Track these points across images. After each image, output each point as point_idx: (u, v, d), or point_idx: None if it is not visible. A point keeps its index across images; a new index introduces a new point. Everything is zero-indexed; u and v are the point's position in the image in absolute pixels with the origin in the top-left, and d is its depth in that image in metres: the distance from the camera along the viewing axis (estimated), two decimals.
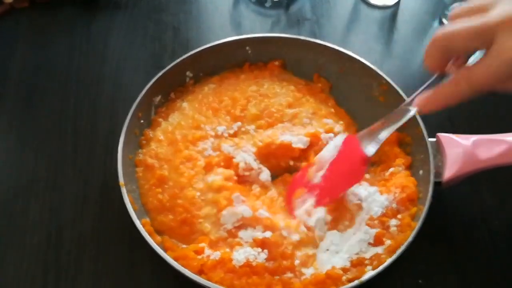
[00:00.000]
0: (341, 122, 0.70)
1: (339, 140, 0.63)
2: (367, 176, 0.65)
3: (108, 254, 0.61)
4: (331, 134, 0.67)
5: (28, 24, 0.83)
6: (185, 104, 0.70)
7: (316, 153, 0.66)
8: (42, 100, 0.75)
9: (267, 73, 0.74)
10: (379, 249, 0.58)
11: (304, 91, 0.72)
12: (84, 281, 0.60)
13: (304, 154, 0.67)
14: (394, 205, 0.60)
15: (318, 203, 0.62)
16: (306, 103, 0.71)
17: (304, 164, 0.66)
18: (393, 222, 0.59)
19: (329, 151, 0.64)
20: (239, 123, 0.68)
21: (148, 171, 0.64)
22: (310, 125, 0.69)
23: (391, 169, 0.64)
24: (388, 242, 0.58)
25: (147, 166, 0.64)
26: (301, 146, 0.66)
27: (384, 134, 0.58)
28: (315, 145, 0.67)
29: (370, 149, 0.59)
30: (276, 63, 0.74)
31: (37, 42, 0.81)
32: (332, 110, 0.72)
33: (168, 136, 0.66)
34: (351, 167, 0.60)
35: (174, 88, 0.72)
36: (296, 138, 0.66)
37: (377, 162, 0.67)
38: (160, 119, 0.69)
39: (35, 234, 0.63)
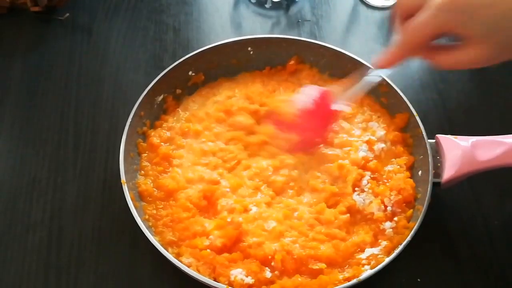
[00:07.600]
0: (384, 124, 0.69)
1: (311, 91, 0.64)
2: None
3: (109, 253, 0.62)
4: (383, 145, 0.66)
5: (29, 25, 0.83)
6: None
7: None
8: (43, 100, 0.75)
9: (285, 76, 0.74)
10: (375, 250, 0.58)
11: None
12: (85, 280, 0.60)
13: None
14: (389, 208, 0.61)
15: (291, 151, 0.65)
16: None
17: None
18: (388, 224, 0.60)
19: (301, 99, 0.64)
20: None
21: (152, 151, 0.66)
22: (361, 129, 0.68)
23: (389, 167, 0.64)
24: (384, 243, 0.58)
25: (152, 146, 0.66)
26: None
27: (352, 94, 0.63)
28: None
29: (342, 106, 0.63)
30: (292, 62, 0.74)
31: (38, 43, 0.81)
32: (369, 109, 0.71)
33: (190, 118, 0.70)
34: (322, 120, 0.64)
35: (177, 86, 0.72)
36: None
37: (377, 158, 0.67)
38: (178, 109, 0.71)
39: (37, 233, 0.63)
